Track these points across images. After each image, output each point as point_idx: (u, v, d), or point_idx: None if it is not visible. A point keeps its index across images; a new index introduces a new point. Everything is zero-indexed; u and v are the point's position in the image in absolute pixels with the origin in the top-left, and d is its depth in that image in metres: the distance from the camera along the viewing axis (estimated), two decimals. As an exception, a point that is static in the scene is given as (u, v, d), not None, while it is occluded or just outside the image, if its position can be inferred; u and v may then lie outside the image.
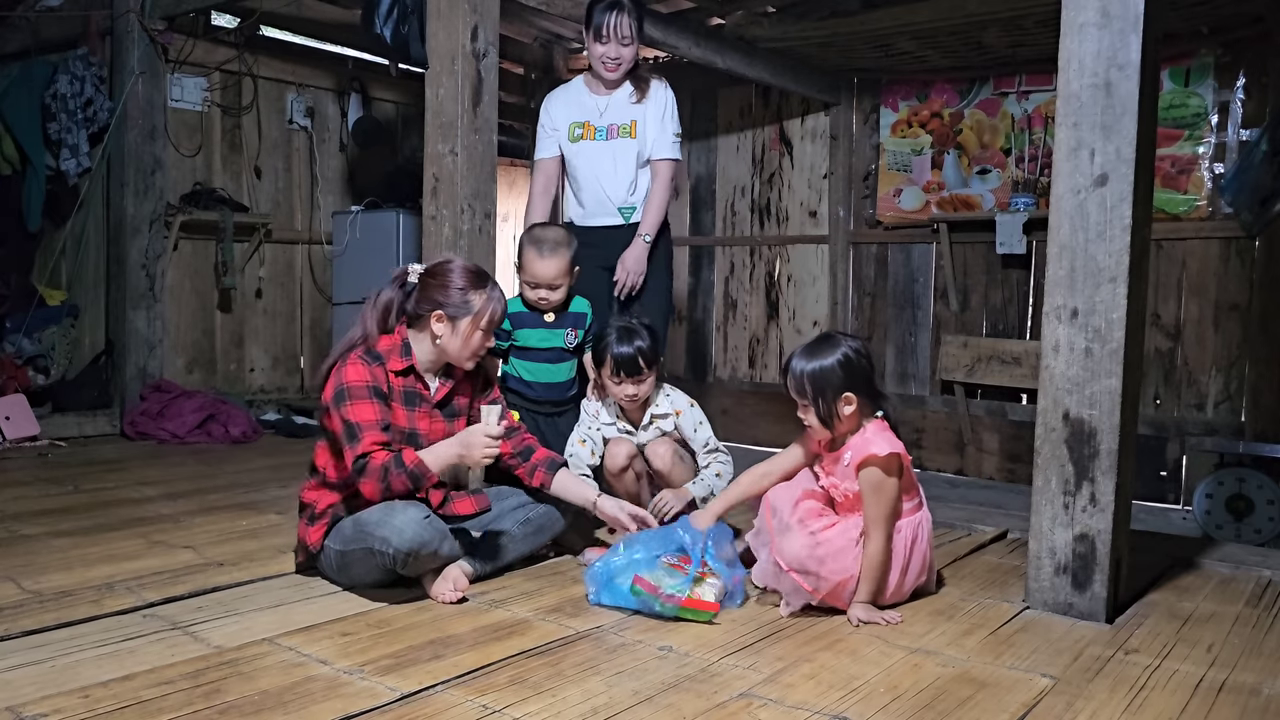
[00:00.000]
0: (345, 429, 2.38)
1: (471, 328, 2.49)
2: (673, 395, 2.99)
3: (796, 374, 2.43)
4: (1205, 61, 4.88)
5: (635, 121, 3.48)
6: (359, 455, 2.34)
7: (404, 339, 2.53)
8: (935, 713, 1.84)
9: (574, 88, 3.63)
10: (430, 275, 2.53)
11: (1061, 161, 2.38)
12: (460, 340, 2.49)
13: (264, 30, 5.73)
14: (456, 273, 2.51)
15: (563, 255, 2.99)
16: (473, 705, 1.81)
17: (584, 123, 3.51)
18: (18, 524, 3.10)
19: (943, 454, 5.71)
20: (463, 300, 2.48)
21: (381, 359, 2.48)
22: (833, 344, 2.44)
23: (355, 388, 2.40)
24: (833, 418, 2.40)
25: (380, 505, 2.36)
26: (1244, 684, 2.03)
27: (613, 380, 2.87)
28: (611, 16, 3.35)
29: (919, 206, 5.78)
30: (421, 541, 2.29)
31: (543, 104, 3.65)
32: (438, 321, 2.48)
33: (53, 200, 5.22)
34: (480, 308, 2.49)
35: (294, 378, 6.04)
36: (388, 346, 2.51)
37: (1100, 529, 2.35)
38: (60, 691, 1.82)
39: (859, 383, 2.41)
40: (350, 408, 2.38)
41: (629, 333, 2.85)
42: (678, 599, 2.28)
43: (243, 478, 3.95)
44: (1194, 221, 4.95)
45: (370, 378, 2.43)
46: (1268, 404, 4.71)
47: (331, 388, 2.43)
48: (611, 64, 3.40)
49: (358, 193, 6.15)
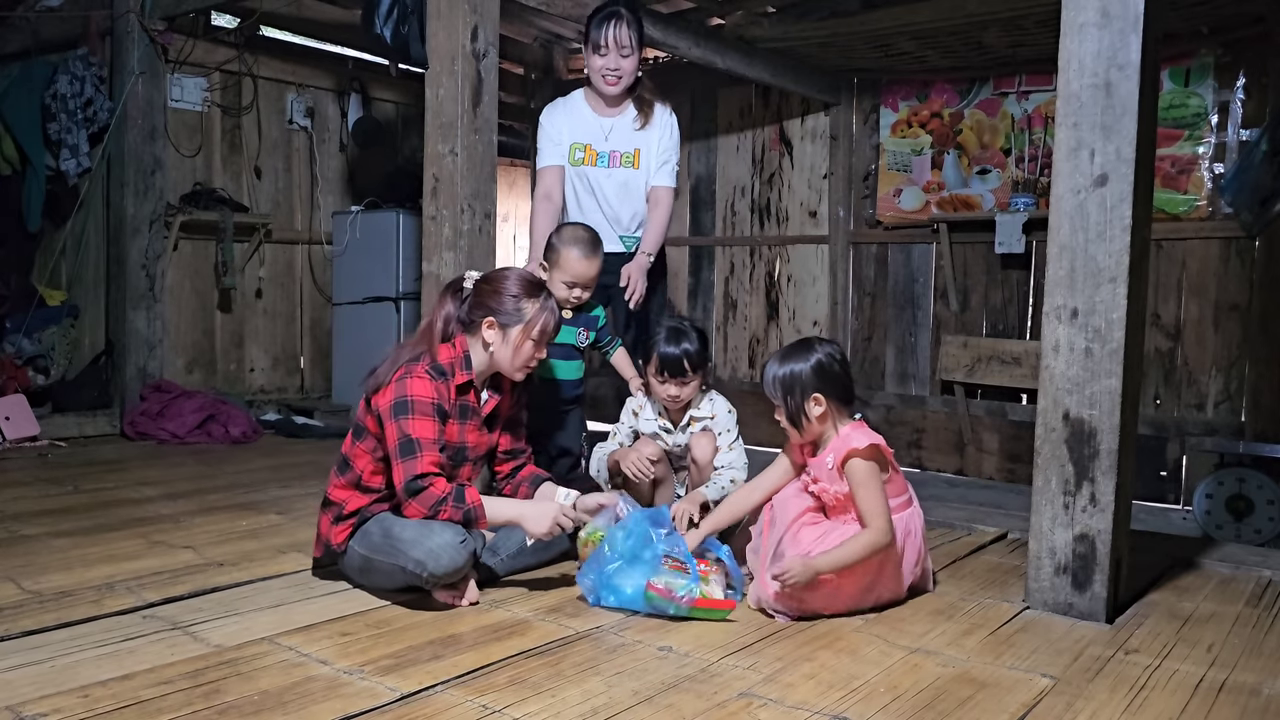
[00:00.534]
0: (403, 442, 2.35)
1: (523, 337, 2.49)
2: (715, 401, 3.00)
3: (769, 377, 2.50)
4: (1205, 61, 4.88)
5: (639, 150, 3.36)
6: (418, 474, 2.33)
7: (465, 351, 2.51)
8: (935, 713, 1.84)
9: (575, 102, 3.45)
10: (485, 282, 2.54)
11: (1061, 161, 2.38)
12: (511, 349, 2.49)
13: (264, 30, 5.73)
14: (511, 280, 2.52)
15: (601, 256, 3.00)
16: (473, 705, 1.81)
17: (586, 145, 3.37)
18: (18, 524, 3.10)
19: (943, 454, 5.71)
20: (515, 308, 2.48)
21: (446, 374, 2.46)
22: (808, 349, 2.49)
23: (420, 402, 2.37)
24: (800, 416, 2.45)
25: (416, 522, 2.35)
26: (1244, 684, 2.03)
27: (657, 379, 2.90)
28: (610, 27, 3.24)
29: (919, 206, 5.78)
30: (456, 568, 2.29)
31: (543, 114, 3.48)
32: (489, 329, 2.48)
33: (53, 200, 5.22)
34: (532, 317, 2.49)
35: (294, 378, 6.04)
36: (449, 359, 2.49)
37: (1100, 529, 2.35)
38: (60, 691, 1.82)
39: (830, 386, 2.44)
40: (412, 422, 2.35)
41: (678, 334, 2.87)
42: (692, 599, 2.29)
43: (243, 478, 3.95)
44: (1194, 221, 4.95)
45: (435, 394, 2.40)
46: (1268, 404, 4.71)
47: (392, 396, 2.38)
48: (612, 76, 3.27)
49: (358, 193, 6.15)
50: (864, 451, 2.37)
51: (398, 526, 2.36)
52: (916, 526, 2.48)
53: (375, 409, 2.42)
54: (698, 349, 2.87)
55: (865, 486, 2.36)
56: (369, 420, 2.46)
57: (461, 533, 2.33)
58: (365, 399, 2.49)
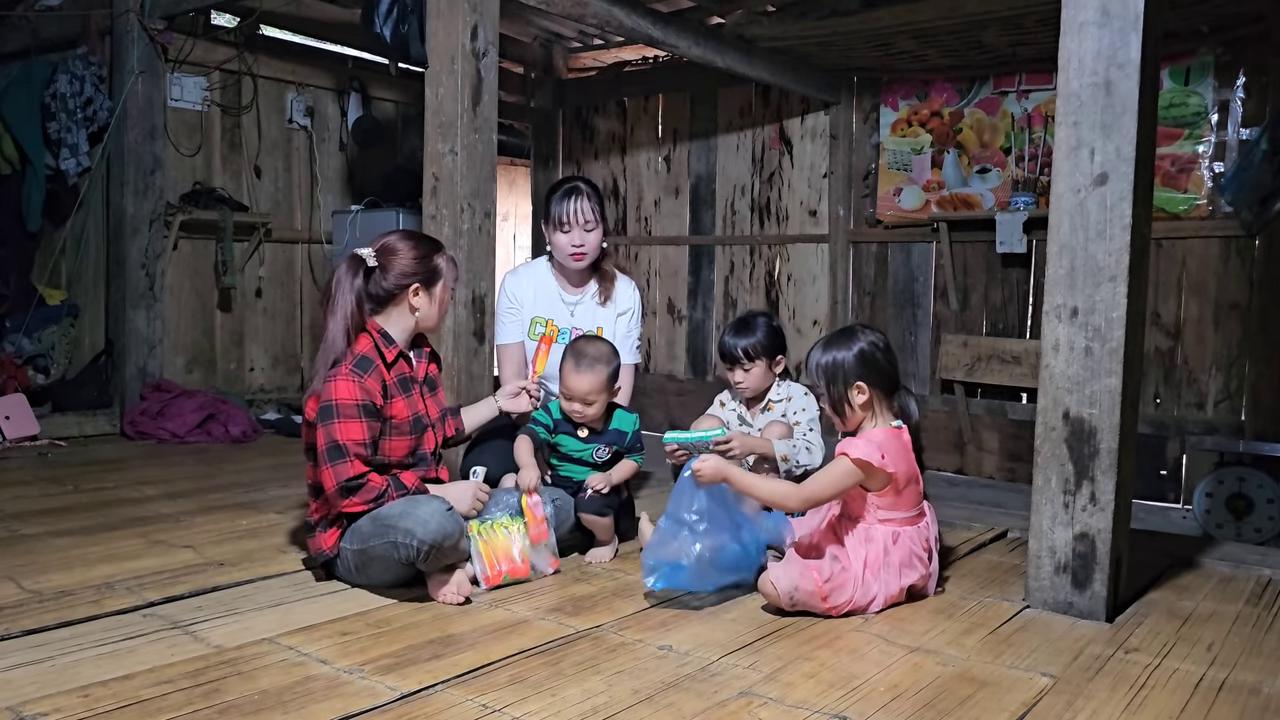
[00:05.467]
0: (330, 447, 2.36)
1: (443, 290, 2.59)
2: (791, 388, 3.11)
3: (812, 364, 2.52)
4: (1205, 60, 4.88)
5: (600, 329, 3.27)
6: (353, 477, 2.35)
7: (379, 330, 2.52)
8: (935, 712, 1.84)
9: (540, 273, 3.35)
10: (390, 253, 2.53)
11: (1061, 160, 2.38)
12: (436, 305, 2.57)
13: (264, 30, 5.73)
14: (415, 242, 2.57)
15: (599, 371, 2.81)
16: (472, 705, 1.81)
17: (548, 320, 3.28)
18: (18, 524, 3.10)
19: (943, 453, 5.70)
20: (430, 267, 2.55)
21: (373, 362, 2.45)
22: (851, 337, 2.51)
23: (344, 405, 2.38)
24: (843, 404, 2.47)
25: (401, 500, 2.38)
26: (1244, 683, 2.03)
27: (725, 365, 3.07)
28: (571, 203, 3.16)
29: (919, 205, 5.78)
30: (445, 533, 2.30)
31: (507, 278, 3.37)
32: (415, 295, 2.53)
33: (52, 200, 5.21)
34: (445, 269, 2.58)
35: (294, 377, 6.04)
36: (369, 345, 2.48)
37: (1100, 528, 2.35)
38: (60, 691, 1.82)
39: (873, 374, 2.46)
40: (337, 425, 2.36)
41: (743, 325, 3.03)
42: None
43: (243, 477, 3.95)
44: (1194, 220, 4.95)
45: (362, 394, 2.40)
46: (1268, 403, 4.71)
47: (318, 403, 2.41)
48: (577, 252, 3.19)
49: (357, 192, 6.15)
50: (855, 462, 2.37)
51: (384, 510, 2.38)
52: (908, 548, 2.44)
53: (310, 420, 2.45)
54: (757, 340, 2.98)
55: (827, 474, 2.42)
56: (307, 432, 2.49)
57: (446, 503, 2.37)
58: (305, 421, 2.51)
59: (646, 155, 6.90)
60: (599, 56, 6.96)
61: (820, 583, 2.32)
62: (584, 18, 4.17)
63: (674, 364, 6.79)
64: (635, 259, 6.95)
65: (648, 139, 6.89)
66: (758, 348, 2.99)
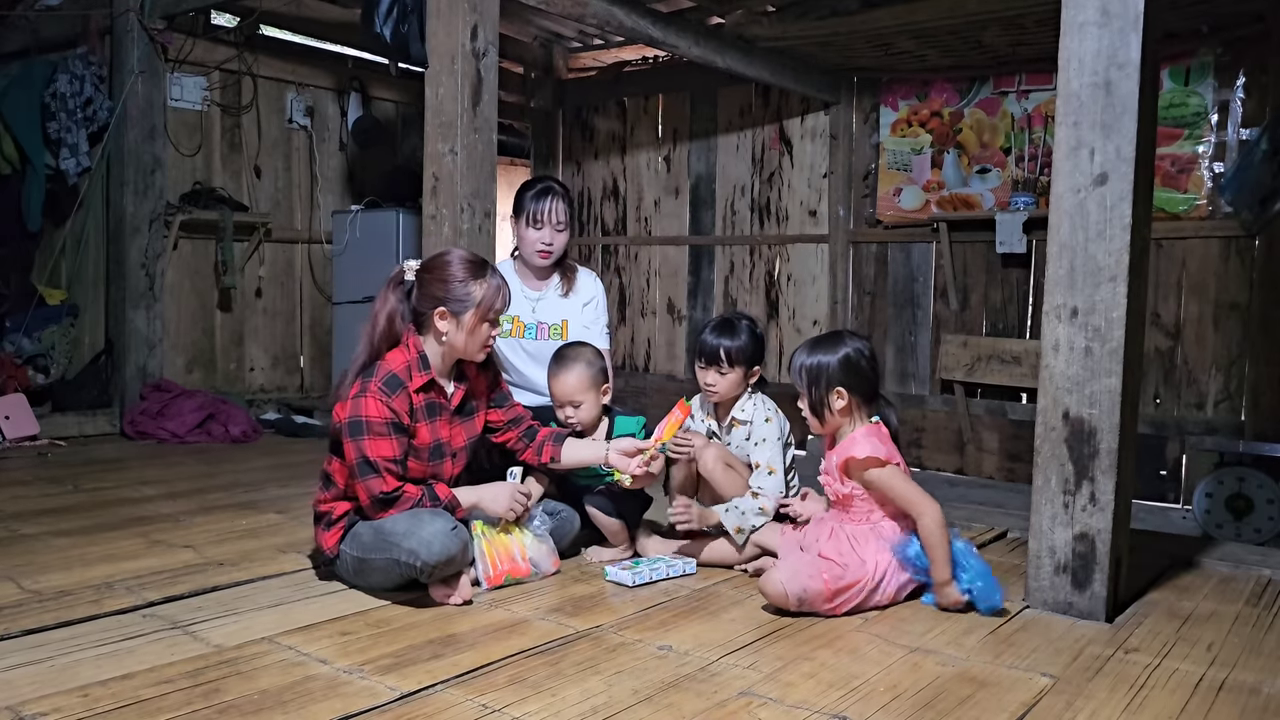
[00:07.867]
0: (360, 462, 2.35)
1: (475, 320, 2.44)
2: (759, 405, 2.83)
3: (796, 365, 2.53)
4: (1205, 61, 4.88)
5: (566, 321, 3.30)
6: (388, 490, 2.34)
7: (420, 352, 2.46)
8: (935, 712, 1.84)
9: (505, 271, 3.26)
10: (427, 270, 2.47)
11: (1061, 160, 2.38)
12: (465, 334, 2.44)
13: (264, 30, 5.73)
14: (455, 265, 2.45)
15: (579, 370, 2.80)
16: (472, 705, 1.81)
17: (514, 317, 3.29)
18: (18, 523, 3.10)
19: (943, 453, 5.70)
20: (464, 293, 2.42)
21: (402, 383, 2.40)
22: (837, 341, 2.52)
23: (374, 423, 2.35)
24: (822, 408, 2.47)
25: (405, 514, 2.35)
26: (1244, 683, 2.03)
27: (699, 363, 2.83)
28: (545, 202, 3.18)
29: (919, 206, 5.78)
30: (450, 555, 2.29)
31: None
32: (441, 319, 2.43)
33: (52, 200, 5.21)
34: (482, 298, 2.43)
35: (294, 377, 6.04)
36: (403, 364, 2.43)
37: (1100, 528, 2.35)
38: (60, 690, 1.82)
39: (854, 381, 2.46)
40: (368, 442, 2.34)
41: (728, 326, 2.81)
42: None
43: (243, 477, 3.95)
44: (1194, 221, 4.95)
45: (391, 414, 2.36)
46: (1268, 403, 4.70)
47: (348, 414, 2.36)
48: (545, 250, 3.22)
49: (357, 192, 6.15)
50: (861, 462, 2.39)
51: (389, 522, 2.36)
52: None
53: (339, 425, 2.41)
54: (739, 345, 2.77)
55: (890, 487, 2.40)
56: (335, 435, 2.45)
57: (452, 520, 2.35)
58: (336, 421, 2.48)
59: (646, 155, 6.90)
60: (599, 56, 6.96)
61: (829, 584, 2.32)
62: (584, 18, 4.18)
63: (674, 364, 6.79)
64: (635, 259, 6.96)
65: (648, 139, 6.89)
66: (740, 353, 2.77)
